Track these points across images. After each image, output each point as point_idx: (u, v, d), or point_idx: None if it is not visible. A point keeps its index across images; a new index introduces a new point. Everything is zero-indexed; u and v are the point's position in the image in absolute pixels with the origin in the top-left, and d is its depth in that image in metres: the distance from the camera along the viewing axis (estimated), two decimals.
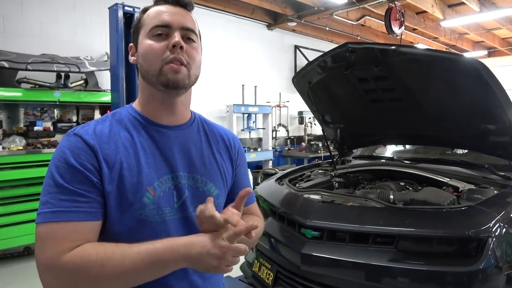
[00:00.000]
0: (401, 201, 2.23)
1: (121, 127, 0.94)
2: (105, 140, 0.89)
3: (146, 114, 0.97)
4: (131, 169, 0.88)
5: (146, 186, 0.89)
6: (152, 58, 0.92)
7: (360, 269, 1.81)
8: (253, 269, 2.45)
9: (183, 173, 0.96)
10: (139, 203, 0.87)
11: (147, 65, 0.93)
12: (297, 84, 2.91)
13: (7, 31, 4.40)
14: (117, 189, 0.86)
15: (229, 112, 6.40)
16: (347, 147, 3.36)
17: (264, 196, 2.58)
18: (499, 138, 2.24)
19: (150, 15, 0.96)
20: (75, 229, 0.79)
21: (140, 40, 0.96)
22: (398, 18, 6.50)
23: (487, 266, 1.62)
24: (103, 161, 0.86)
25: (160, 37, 0.92)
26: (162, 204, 0.91)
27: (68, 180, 0.82)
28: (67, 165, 0.83)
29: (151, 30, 0.93)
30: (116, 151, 0.89)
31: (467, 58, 1.99)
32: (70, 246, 0.77)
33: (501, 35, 9.90)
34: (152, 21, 0.94)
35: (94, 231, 0.83)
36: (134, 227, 0.86)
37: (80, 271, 0.75)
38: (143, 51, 0.94)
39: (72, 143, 0.86)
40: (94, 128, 0.91)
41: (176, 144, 0.98)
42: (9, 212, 3.75)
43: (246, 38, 7.23)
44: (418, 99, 2.37)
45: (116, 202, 0.86)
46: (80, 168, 0.83)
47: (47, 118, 4.51)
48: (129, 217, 0.87)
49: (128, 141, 0.92)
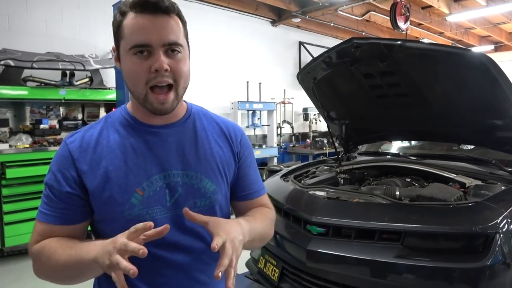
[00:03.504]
0: (407, 197, 2.22)
1: (112, 129, 0.96)
2: (92, 146, 0.94)
3: (138, 117, 0.97)
4: (118, 171, 0.91)
5: (134, 187, 0.91)
6: (135, 81, 0.88)
7: (366, 265, 1.81)
8: (258, 266, 2.45)
9: (176, 171, 0.96)
10: (128, 204, 0.90)
11: (131, 85, 0.91)
12: (302, 80, 2.90)
13: (13, 30, 4.43)
14: (103, 192, 0.90)
15: (234, 109, 6.40)
16: (352, 143, 3.35)
17: (269, 193, 2.56)
18: (506, 133, 2.22)
19: (129, 27, 0.87)
20: (45, 229, 0.92)
21: (121, 52, 0.90)
22: (403, 13, 6.45)
23: (494, 263, 1.61)
24: (85, 167, 0.91)
25: (142, 55, 0.86)
26: (151, 204, 0.92)
27: (50, 186, 0.93)
28: (52, 172, 0.94)
29: (131, 48, 0.87)
30: (101, 155, 0.92)
31: (474, 52, 1.97)
32: (39, 240, 0.92)
33: (508, 30, 9.78)
34: (131, 37, 0.86)
35: (63, 231, 0.92)
36: (125, 226, 0.83)
37: (37, 259, 0.92)
38: (126, 70, 0.90)
39: (60, 151, 0.96)
40: (83, 135, 0.96)
41: (169, 142, 0.97)
42: (16, 210, 3.79)
43: (250, 34, 7.21)
44: (424, 94, 2.36)
45: (105, 203, 0.91)
46: (59, 176, 0.92)
47: (53, 116, 4.54)
48: (119, 217, 0.90)
49: (116, 144, 0.94)
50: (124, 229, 0.83)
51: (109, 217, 0.92)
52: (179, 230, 0.94)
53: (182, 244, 0.96)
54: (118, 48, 0.92)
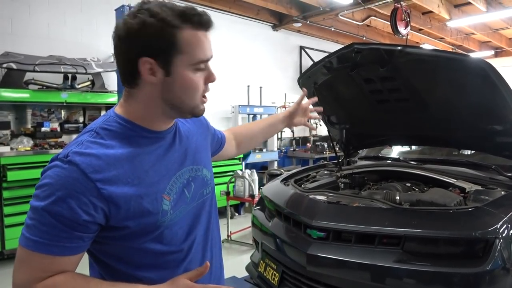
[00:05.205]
0: (407, 202, 2.22)
1: (118, 141, 0.89)
2: (108, 162, 0.84)
3: (141, 123, 0.93)
4: (142, 182, 0.88)
5: (161, 194, 0.92)
6: (194, 93, 0.92)
7: (366, 270, 1.81)
8: (258, 270, 2.45)
9: (185, 168, 1.01)
10: (161, 212, 0.91)
11: (186, 98, 0.91)
12: (303, 85, 2.91)
13: (15, 33, 4.45)
14: (133, 207, 0.86)
15: (235, 112, 6.41)
16: (352, 147, 3.35)
17: (269, 197, 2.58)
18: (506, 139, 2.23)
19: (192, 42, 0.87)
20: (51, 262, 0.81)
21: (177, 66, 0.87)
22: (404, 18, 6.47)
23: (494, 268, 1.61)
24: (109, 187, 0.83)
25: (203, 70, 0.92)
26: (178, 205, 0.96)
27: (55, 214, 0.79)
28: (58, 198, 0.80)
29: (196, 64, 0.89)
30: (122, 170, 0.86)
31: (474, 58, 1.98)
32: (43, 277, 0.81)
33: (508, 35, 9.81)
34: (197, 53, 0.88)
35: (70, 264, 0.84)
36: (160, 235, 0.92)
37: None
38: (186, 84, 0.89)
39: (66, 172, 0.81)
40: (90, 152, 0.84)
41: (175, 143, 1.01)
42: (17, 212, 3.79)
43: (251, 39, 7.25)
44: (424, 99, 2.36)
45: (138, 217, 0.87)
46: (72, 204, 0.80)
47: (54, 119, 4.57)
48: (153, 228, 0.90)
49: (131, 155, 0.88)
50: (156, 239, 0.91)
51: (142, 230, 0.88)
52: (200, 218, 1.05)
53: (202, 229, 1.06)
54: (167, 65, 0.86)
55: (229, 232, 4.54)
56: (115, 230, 0.86)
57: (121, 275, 0.92)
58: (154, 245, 0.92)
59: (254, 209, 2.83)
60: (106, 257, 0.92)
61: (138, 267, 0.92)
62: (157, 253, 0.93)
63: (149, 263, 0.93)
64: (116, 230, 0.86)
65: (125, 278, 0.91)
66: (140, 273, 0.92)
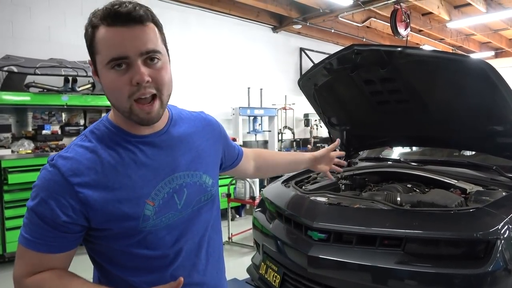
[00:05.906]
0: (408, 203, 2.22)
1: (103, 146, 0.90)
2: (89, 166, 0.86)
3: (127, 129, 0.93)
4: (124, 187, 0.88)
5: (144, 199, 0.90)
6: (117, 95, 0.85)
7: (367, 271, 1.81)
8: (259, 272, 2.44)
9: (178, 174, 0.97)
10: (142, 217, 0.90)
11: (114, 100, 0.87)
12: (303, 86, 2.92)
13: (16, 36, 4.46)
14: (115, 211, 0.87)
15: (235, 114, 6.41)
16: (353, 149, 3.35)
17: (270, 199, 2.58)
18: (506, 139, 2.22)
19: (102, 40, 0.83)
20: (40, 259, 0.87)
21: (98, 68, 0.87)
22: (403, 19, 6.48)
23: (495, 269, 1.60)
24: (88, 191, 0.85)
25: (121, 68, 0.83)
26: (164, 211, 0.93)
27: (39, 214, 0.85)
28: (41, 199, 0.85)
29: (109, 63, 0.83)
30: (103, 175, 0.87)
31: (474, 59, 1.99)
32: (33, 272, 0.87)
33: (508, 36, 9.82)
34: (106, 52, 0.83)
35: (59, 261, 0.89)
36: (142, 240, 0.91)
37: None
38: (106, 85, 0.86)
39: (48, 175, 0.86)
40: (73, 156, 0.87)
41: (164, 148, 0.97)
42: (18, 215, 3.79)
43: (252, 41, 7.26)
44: (425, 100, 2.37)
45: (118, 221, 0.88)
46: (52, 204, 0.84)
47: (55, 121, 4.57)
48: (135, 232, 0.90)
49: (114, 160, 0.89)
50: (140, 242, 0.90)
51: (124, 233, 0.89)
52: (194, 226, 1.01)
53: (195, 236, 1.03)
54: (94, 62, 0.87)
55: (230, 234, 4.54)
56: (98, 231, 0.89)
57: (115, 277, 0.94)
58: (139, 249, 0.91)
59: (255, 211, 2.83)
60: (99, 258, 0.95)
61: (126, 269, 0.93)
62: (142, 257, 0.93)
63: (135, 266, 0.93)
64: (99, 231, 0.89)
65: (117, 281, 0.93)
66: (129, 276, 0.93)
